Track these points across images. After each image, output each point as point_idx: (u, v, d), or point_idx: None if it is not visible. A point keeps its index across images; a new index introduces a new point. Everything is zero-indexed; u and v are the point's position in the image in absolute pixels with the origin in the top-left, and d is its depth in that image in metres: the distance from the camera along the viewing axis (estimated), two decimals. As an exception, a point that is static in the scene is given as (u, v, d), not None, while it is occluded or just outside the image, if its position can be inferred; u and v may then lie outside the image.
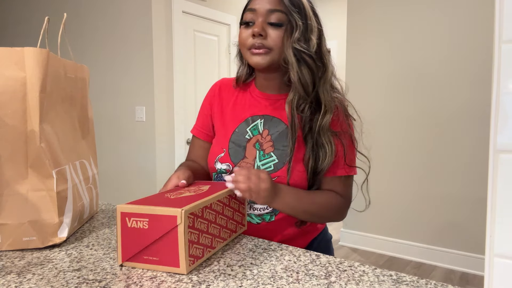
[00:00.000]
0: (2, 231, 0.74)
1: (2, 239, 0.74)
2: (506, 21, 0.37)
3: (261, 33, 0.84)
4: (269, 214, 0.91)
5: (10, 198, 0.73)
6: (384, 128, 3.04)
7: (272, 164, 0.89)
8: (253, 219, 0.92)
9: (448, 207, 2.79)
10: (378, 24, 3.04)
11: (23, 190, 0.74)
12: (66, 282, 0.60)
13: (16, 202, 0.74)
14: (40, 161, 0.73)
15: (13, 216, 0.73)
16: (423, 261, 2.91)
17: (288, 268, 0.66)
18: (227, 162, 0.93)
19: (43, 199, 0.75)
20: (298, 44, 0.83)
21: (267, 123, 0.92)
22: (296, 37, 0.83)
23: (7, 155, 0.73)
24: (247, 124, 0.93)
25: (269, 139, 0.91)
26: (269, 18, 0.84)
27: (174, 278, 0.62)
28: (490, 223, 0.39)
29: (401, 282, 0.61)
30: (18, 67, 0.71)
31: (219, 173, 0.94)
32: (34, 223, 0.74)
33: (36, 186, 0.74)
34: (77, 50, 3.32)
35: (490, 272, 0.39)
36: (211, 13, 3.30)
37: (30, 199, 0.74)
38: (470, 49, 2.67)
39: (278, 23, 0.84)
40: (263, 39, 0.84)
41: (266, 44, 0.85)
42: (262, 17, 0.85)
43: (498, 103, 0.38)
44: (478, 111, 2.64)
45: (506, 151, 0.38)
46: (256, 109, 0.94)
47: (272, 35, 0.84)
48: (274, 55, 0.86)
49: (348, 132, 0.91)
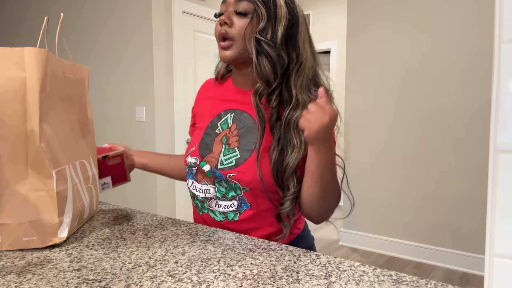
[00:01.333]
0: (2, 231, 0.74)
1: (2, 239, 0.74)
2: (506, 21, 0.37)
3: (226, 21, 0.84)
4: (233, 212, 0.89)
5: (10, 198, 0.73)
6: (385, 128, 3.04)
7: (234, 159, 0.88)
8: (216, 216, 0.91)
9: (448, 207, 2.79)
10: (378, 24, 3.04)
11: (23, 190, 0.74)
12: (66, 282, 0.60)
13: (16, 202, 0.74)
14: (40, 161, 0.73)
15: (13, 216, 0.74)
16: (423, 261, 2.91)
17: (288, 268, 0.66)
18: (195, 156, 0.93)
19: (43, 199, 0.75)
20: (259, 34, 0.82)
21: (236, 117, 0.91)
22: (260, 27, 0.82)
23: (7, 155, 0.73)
24: (219, 119, 0.93)
25: (235, 134, 0.90)
26: (236, 7, 0.84)
27: (174, 278, 0.62)
28: (490, 223, 0.39)
29: (401, 282, 0.61)
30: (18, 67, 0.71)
31: (189, 166, 0.95)
32: (34, 223, 0.74)
33: (36, 186, 0.74)
34: (77, 50, 3.32)
35: (490, 272, 0.39)
36: (211, 13, 3.30)
37: (30, 199, 0.74)
38: (470, 49, 2.67)
39: (243, 12, 0.84)
40: (229, 27, 0.85)
41: (230, 32, 0.85)
42: (231, 7, 0.85)
43: (498, 103, 0.38)
44: (478, 111, 2.64)
45: (506, 151, 0.38)
46: (228, 104, 0.94)
47: (237, 24, 0.84)
48: (238, 46, 0.85)
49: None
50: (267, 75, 0.83)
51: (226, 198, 0.89)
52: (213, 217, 0.92)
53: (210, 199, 0.91)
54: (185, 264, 0.67)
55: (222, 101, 0.96)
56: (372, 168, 3.11)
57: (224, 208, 0.89)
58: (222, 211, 0.90)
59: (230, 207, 0.89)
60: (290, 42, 0.84)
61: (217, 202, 0.90)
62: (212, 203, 0.91)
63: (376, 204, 3.11)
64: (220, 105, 0.95)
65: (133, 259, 0.69)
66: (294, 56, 0.84)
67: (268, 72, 0.82)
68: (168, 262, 0.68)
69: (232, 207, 0.89)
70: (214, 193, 0.90)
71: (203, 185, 0.92)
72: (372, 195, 3.12)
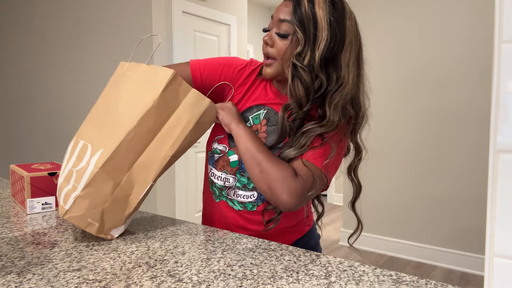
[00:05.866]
0: (77, 203, 0.76)
1: (71, 209, 0.76)
2: (506, 21, 0.37)
3: (268, 42, 0.86)
4: (251, 203, 0.92)
5: (102, 184, 0.77)
6: (385, 128, 3.04)
7: None
8: (235, 205, 0.93)
9: (448, 207, 2.79)
10: (379, 25, 3.04)
11: (117, 181, 0.79)
12: (66, 282, 0.60)
13: (104, 188, 0.78)
14: (150, 170, 0.81)
15: (96, 197, 0.77)
16: (423, 261, 2.91)
17: (288, 268, 0.66)
18: (224, 144, 0.94)
19: (125, 200, 0.80)
20: (296, 58, 0.81)
21: (268, 115, 0.92)
22: (297, 51, 0.81)
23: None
24: (251, 112, 0.94)
25: (264, 130, 0.92)
26: (279, 28, 0.84)
27: (174, 278, 0.62)
28: (490, 223, 0.39)
29: (401, 282, 0.61)
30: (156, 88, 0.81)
31: (213, 152, 0.95)
32: (106, 213, 0.78)
33: (127, 186, 0.80)
34: (77, 49, 3.32)
35: (490, 272, 0.39)
36: (211, 13, 3.30)
37: (117, 193, 0.79)
38: (470, 49, 2.67)
39: (283, 34, 0.83)
40: (270, 47, 0.86)
41: (270, 53, 0.86)
42: (274, 26, 0.86)
43: (498, 103, 0.38)
44: (478, 111, 2.64)
45: (506, 151, 0.38)
46: (264, 100, 0.94)
47: (278, 46, 0.85)
48: (277, 66, 0.86)
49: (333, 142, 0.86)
50: (300, 98, 0.83)
51: (247, 189, 0.91)
52: (231, 206, 0.94)
53: (228, 188, 0.93)
54: (185, 264, 0.67)
55: (258, 95, 0.94)
56: (372, 168, 3.11)
57: (243, 198, 0.91)
58: (241, 201, 0.92)
59: (249, 198, 0.92)
60: (331, 63, 0.82)
61: (235, 191, 0.92)
62: (231, 192, 0.93)
63: (376, 204, 3.11)
64: (256, 99, 0.94)
65: (133, 259, 0.70)
66: (335, 77, 0.82)
67: (301, 96, 0.82)
68: (168, 262, 0.68)
69: (251, 198, 0.91)
70: (233, 182, 0.92)
71: (222, 173, 0.93)
72: (372, 195, 3.12)
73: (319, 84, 0.82)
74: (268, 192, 0.82)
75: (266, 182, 0.81)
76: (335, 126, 0.83)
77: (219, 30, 3.43)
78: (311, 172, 0.82)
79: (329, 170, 0.85)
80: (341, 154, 0.88)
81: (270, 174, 0.81)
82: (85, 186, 0.76)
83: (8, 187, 1.31)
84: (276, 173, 0.81)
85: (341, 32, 0.81)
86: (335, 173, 0.89)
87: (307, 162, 0.83)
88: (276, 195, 0.80)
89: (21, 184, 1.04)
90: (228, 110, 0.90)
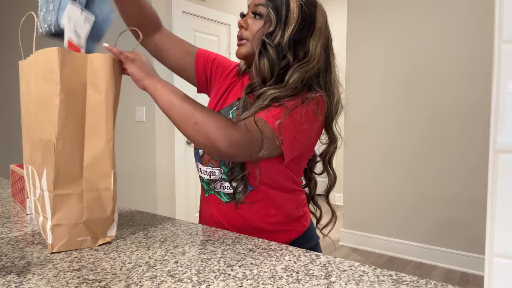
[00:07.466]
0: (56, 233, 0.73)
1: (53, 241, 0.73)
2: (506, 21, 0.37)
3: (243, 25, 0.90)
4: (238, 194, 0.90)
5: (65, 198, 0.73)
6: (384, 128, 3.04)
7: None
8: (222, 197, 0.93)
9: (448, 207, 2.79)
10: (377, 25, 3.04)
11: (78, 191, 0.74)
12: (66, 282, 0.60)
13: (71, 202, 0.74)
14: (102, 161, 0.76)
15: (69, 217, 0.73)
16: (423, 261, 2.91)
17: (288, 268, 0.66)
18: None
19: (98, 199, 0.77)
20: (267, 37, 0.85)
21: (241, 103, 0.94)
22: (269, 31, 0.85)
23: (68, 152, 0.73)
24: (231, 107, 0.95)
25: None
26: (254, 10, 0.89)
27: (174, 278, 0.62)
28: (490, 223, 0.39)
29: (401, 282, 0.61)
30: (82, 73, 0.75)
31: (198, 149, 0.97)
32: (90, 222, 0.75)
33: (92, 186, 0.76)
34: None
35: (490, 272, 0.39)
36: (211, 13, 3.30)
37: (86, 198, 0.75)
38: (470, 50, 2.67)
39: (257, 14, 0.88)
40: (244, 30, 0.90)
41: (244, 34, 0.90)
42: (250, 9, 0.90)
43: (498, 103, 0.38)
44: (478, 111, 2.64)
45: (506, 151, 0.38)
46: (240, 93, 0.96)
47: (251, 28, 0.89)
48: (249, 45, 0.89)
49: (289, 106, 0.83)
50: (264, 74, 0.86)
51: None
52: (219, 198, 0.94)
53: (215, 181, 0.94)
54: (185, 264, 0.67)
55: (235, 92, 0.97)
56: (372, 168, 3.11)
57: (229, 189, 0.91)
58: (227, 193, 0.92)
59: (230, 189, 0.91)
60: (300, 45, 0.86)
61: (222, 183, 0.93)
62: (217, 185, 0.93)
63: (376, 204, 3.11)
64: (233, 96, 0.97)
65: (133, 259, 0.70)
66: (302, 55, 0.86)
67: (265, 71, 0.85)
68: (168, 262, 0.68)
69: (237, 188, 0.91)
70: (219, 175, 0.92)
71: (208, 168, 0.94)
72: (372, 195, 3.12)
73: (286, 63, 0.85)
74: (206, 142, 0.77)
75: (203, 133, 0.76)
76: (292, 90, 0.83)
77: (219, 30, 3.43)
78: (260, 130, 0.78)
79: (282, 132, 0.80)
80: (300, 121, 0.82)
81: (206, 123, 0.76)
82: (52, 214, 0.72)
83: (8, 187, 1.31)
84: (214, 121, 0.77)
85: (311, 18, 0.86)
86: (293, 141, 0.83)
87: (259, 119, 0.80)
88: (214, 143, 0.76)
89: (21, 184, 1.04)
90: (139, 63, 0.83)
